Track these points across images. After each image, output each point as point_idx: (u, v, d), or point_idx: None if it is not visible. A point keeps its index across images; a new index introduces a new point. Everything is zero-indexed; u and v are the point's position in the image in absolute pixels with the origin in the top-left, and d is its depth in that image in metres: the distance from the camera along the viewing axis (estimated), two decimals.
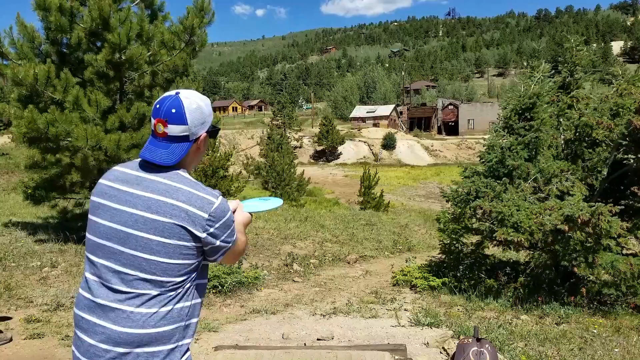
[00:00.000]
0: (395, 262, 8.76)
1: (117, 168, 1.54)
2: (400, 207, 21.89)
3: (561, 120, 7.10)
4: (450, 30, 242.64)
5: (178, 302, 1.43)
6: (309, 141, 53.43)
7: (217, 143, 18.26)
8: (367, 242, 10.93)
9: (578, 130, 6.85)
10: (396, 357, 3.82)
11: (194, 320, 1.51)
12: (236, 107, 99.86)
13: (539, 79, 7.02)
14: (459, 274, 6.98)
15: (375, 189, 19.16)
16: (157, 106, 1.49)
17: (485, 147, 7.12)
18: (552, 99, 7.12)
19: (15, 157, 20.45)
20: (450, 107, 66.86)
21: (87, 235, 1.50)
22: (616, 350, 4.23)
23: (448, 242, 7.31)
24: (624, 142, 6.32)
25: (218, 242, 1.47)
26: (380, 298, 6.21)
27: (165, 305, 1.41)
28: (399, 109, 68.70)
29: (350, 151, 51.40)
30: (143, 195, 1.43)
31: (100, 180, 1.53)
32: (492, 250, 7.82)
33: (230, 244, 1.51)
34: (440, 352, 4.09)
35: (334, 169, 43.30)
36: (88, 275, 1.48)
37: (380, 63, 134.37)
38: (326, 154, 51.35)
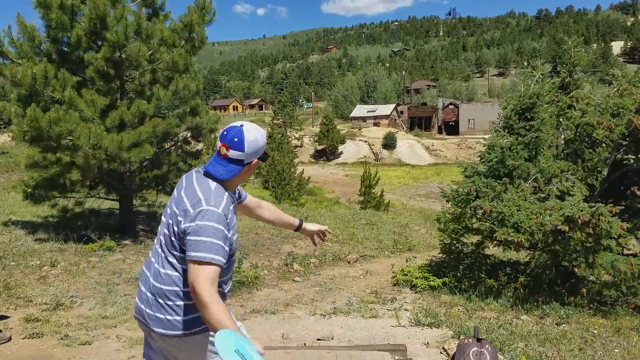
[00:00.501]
0: (395, 262, 8.76)
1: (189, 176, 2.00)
2: (401, 206, 21.88)
3: (561, 120, 7.09)
4: (450, 30, 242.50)
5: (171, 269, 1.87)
6: (310, 140, 53.40)
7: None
8: (368, 242, 10.92)
9: (578, 130, 6.84)
10: (396, 358, 3.82)
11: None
12: (237, 106, 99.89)
13: (538, 79, 7.01)
14: (459, 274, 6.97)
15: (375, 189, 19.15)
16: (225, 133, 1.92)
17: (485, 147, 7.11)
18: (552, 99, 7.11)
19: (15, 155, 20.44)
20: (451, 106, 66.82)
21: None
22: (616, 350, 4.23)
23: (448, 242, 7.30)
24: (624, 142, 6.32)
25: (187, 238, 1.77)
26: (381, 298, 6.21)
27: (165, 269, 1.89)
28: (399, 108, 68.67)
29: (350, 150, 51.37)
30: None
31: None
32: (492, 250, 7.82)
33: (191, 254, 1.73)
34: (441, 353, 4.08)
35: (334, 168, 43.28)
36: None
37: (381, 62, 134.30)
38: (327, 153, 51.33)
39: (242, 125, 1.91)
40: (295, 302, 5.95)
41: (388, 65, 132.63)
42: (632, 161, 6.23)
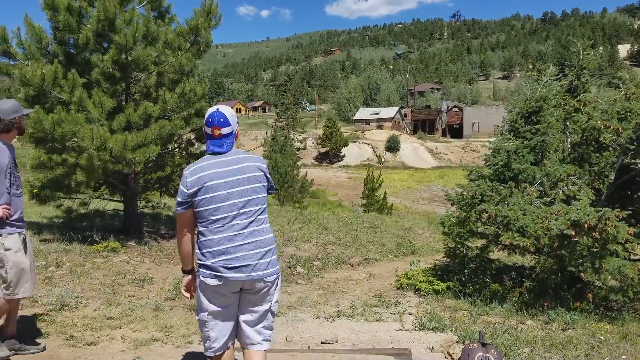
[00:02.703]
0: (399, 265, 8.72)
1: (202, 164, 2.52)
2: (404, 209, 21.85)
3: (568, 123, 7.06)
4: (455, 33, 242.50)
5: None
6: (313, 143, 53.44)
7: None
8: (371, 245, 10.89)
9: (585, 134, 6.81)
10: None
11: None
12: (240, 109, 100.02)
13: (545, 82, 6.98)
14: (463, 278, 6.93)
15: (378, 192, 19.14)
16: (210, 119, 2.52)
17: (490, 151, 7.08)
18: (559, 102, 7.08)
19: (21, 156, 20.46)
20: (455, 109, 66.76)
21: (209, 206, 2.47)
22: (623, 357, 4.20)
23: (453, 245, 7.26)
24: (632, 147, 6.28)
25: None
26: (384, 302, 6.18)
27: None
28: (403, 111, 68.64)
29: (353, 153, 51.38)
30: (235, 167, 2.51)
31: (202, 174, 2.48)
32: (497, 254, 7.77)
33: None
34: (445, 357, 4.06)
35: (337, 170, 43.28)
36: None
37: (385, 65, 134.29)
38: (330, 156, 51.35)
39: (217, 109, 2.55)
40: (298, 305, 5.94)
41: (392, 67, 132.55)
42: (639, 166, 6.19)
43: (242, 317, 2.60)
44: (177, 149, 8.99)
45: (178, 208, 2.50)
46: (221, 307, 2.51)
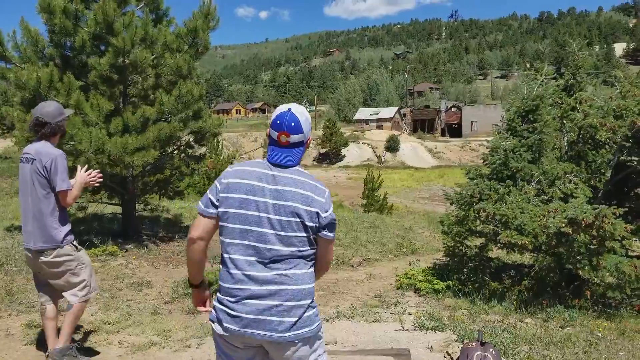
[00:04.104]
0: (399, 265, 8.72)
1: (247, 168, 1.98)
2: (404, 209, 21.84)
3: (564, 122, 7.07)
4: (453, 33, 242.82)
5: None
6: (313, 143, 53.46)
7: (220, 146, 18.29)
8: (371, 245, 10.90)
9: (581, 132, 6.82)
10: None
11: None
12: (239, 110, 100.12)
13: (542, 81, 7.00)
14: (463, 277, 6.94)
15: (378, 192, 19.12)
16: (278, 122, 1.96)
17: (488, 149, 7.10)
18: (556, 101, 7.09)
19: (18, 160, 20.51)
20: (454, 109, 66.82)
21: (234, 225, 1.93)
22: (621, 353, 4.20)
23: (452, 244, 7.27)
24: (628, 144, 6.29)
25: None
26: (384, 302, 6.18)
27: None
28: (402, 111, 68.71)
29: (353, 153, 51.41)
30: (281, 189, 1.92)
31: (233, 180, 1.96)
32: (496, 253, 7.78)
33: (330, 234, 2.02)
34: (444, 357, 4.07)
35: (337, 171, 43.28)
36: None
37: (384, 65, 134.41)
38: (330, 156, 51.37)
39: (290, 109, 1.98)
40: None
41: (391, 68, 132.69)
42: (635, 163, 6.20)
43: None
44: (175, 152, 8.99)
45: (202, 206, 1.99)
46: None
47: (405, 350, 4.12)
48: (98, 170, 3.52)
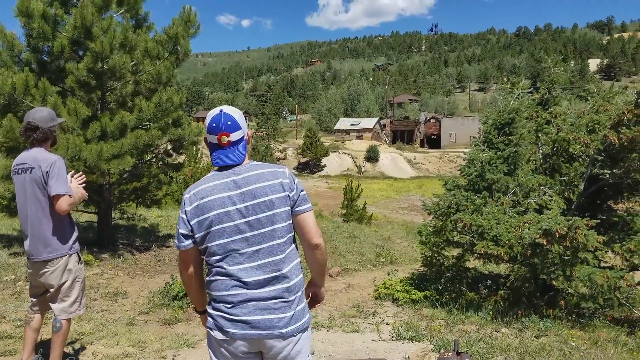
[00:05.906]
0: (377, 275, 8.76)
1: (204, 186, 1.96)
2: (383, 219, 21.95)
3: (539, 135, 7.24)
4: (432, 46, 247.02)
5: None
6: (293, 153, 53.47)
7: (199, 154, 18.13)
8: (350, 255, 10.91)
9: (556, 145, 6.99)
10: None
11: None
12: None
13: (518, 95, 7.17)
14: (440, 287, 7.00)
15: (358, 201, 19.18)
16: (214, 125, 1.97)
17: (465, 161, 7.22)
18: (531, 114, 7.27)
19: None
20: (433, 120, 67.73)
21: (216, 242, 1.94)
22: None
23: (430, 255, 7.34)
24: (600, 158, 6.47)
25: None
26: (362, 312, 6.19)
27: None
28: (382, 122, 69.33)
29: (334, 163, 51.57)
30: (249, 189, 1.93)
31: (198, 203, 1.95)
32: (473, 263, 7.88)
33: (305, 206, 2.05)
34: None
35: (317, 180, 43.30)
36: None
37: (364, 76, 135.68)
38: (310, 166, 51.41)
39: (221, 110, 2.00)
40: None
41: (371, 79, 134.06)
42: (607, 176, 6.38)
43: None
44: (154, 159, 8.88)
45: (177, 243, 1.99)
46: None
47: None
48: (80, 173, 3.43)
